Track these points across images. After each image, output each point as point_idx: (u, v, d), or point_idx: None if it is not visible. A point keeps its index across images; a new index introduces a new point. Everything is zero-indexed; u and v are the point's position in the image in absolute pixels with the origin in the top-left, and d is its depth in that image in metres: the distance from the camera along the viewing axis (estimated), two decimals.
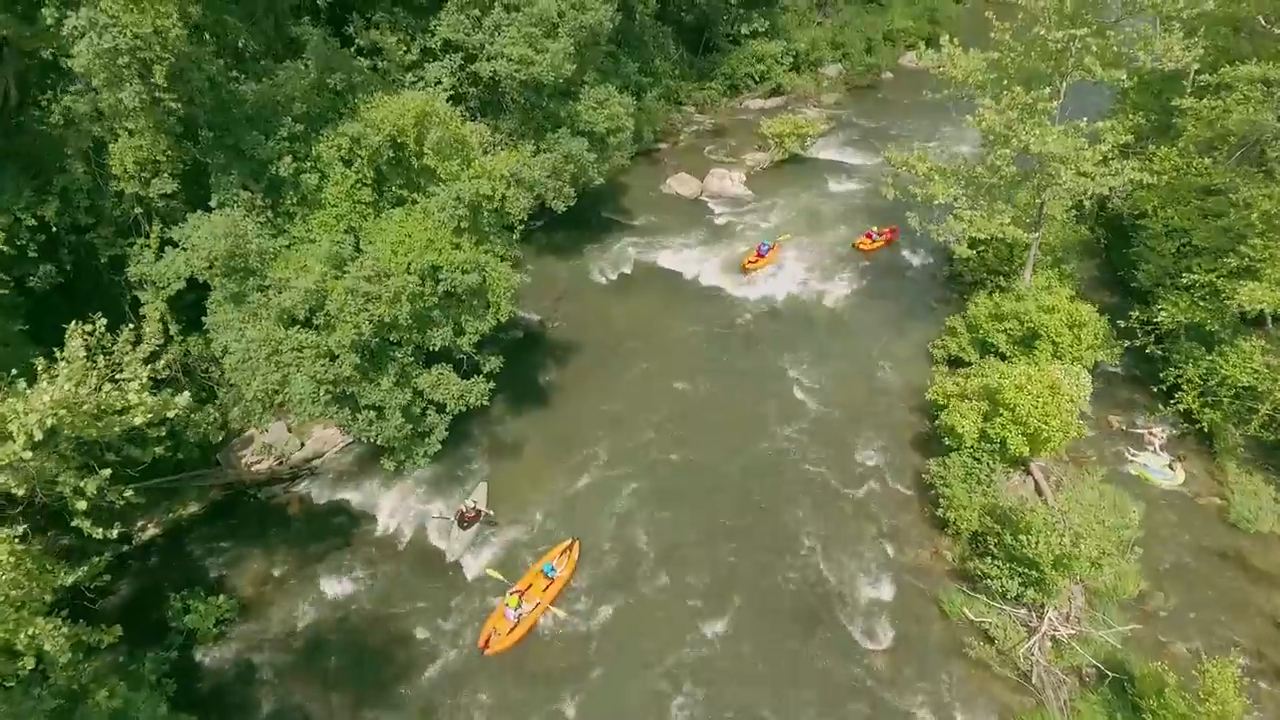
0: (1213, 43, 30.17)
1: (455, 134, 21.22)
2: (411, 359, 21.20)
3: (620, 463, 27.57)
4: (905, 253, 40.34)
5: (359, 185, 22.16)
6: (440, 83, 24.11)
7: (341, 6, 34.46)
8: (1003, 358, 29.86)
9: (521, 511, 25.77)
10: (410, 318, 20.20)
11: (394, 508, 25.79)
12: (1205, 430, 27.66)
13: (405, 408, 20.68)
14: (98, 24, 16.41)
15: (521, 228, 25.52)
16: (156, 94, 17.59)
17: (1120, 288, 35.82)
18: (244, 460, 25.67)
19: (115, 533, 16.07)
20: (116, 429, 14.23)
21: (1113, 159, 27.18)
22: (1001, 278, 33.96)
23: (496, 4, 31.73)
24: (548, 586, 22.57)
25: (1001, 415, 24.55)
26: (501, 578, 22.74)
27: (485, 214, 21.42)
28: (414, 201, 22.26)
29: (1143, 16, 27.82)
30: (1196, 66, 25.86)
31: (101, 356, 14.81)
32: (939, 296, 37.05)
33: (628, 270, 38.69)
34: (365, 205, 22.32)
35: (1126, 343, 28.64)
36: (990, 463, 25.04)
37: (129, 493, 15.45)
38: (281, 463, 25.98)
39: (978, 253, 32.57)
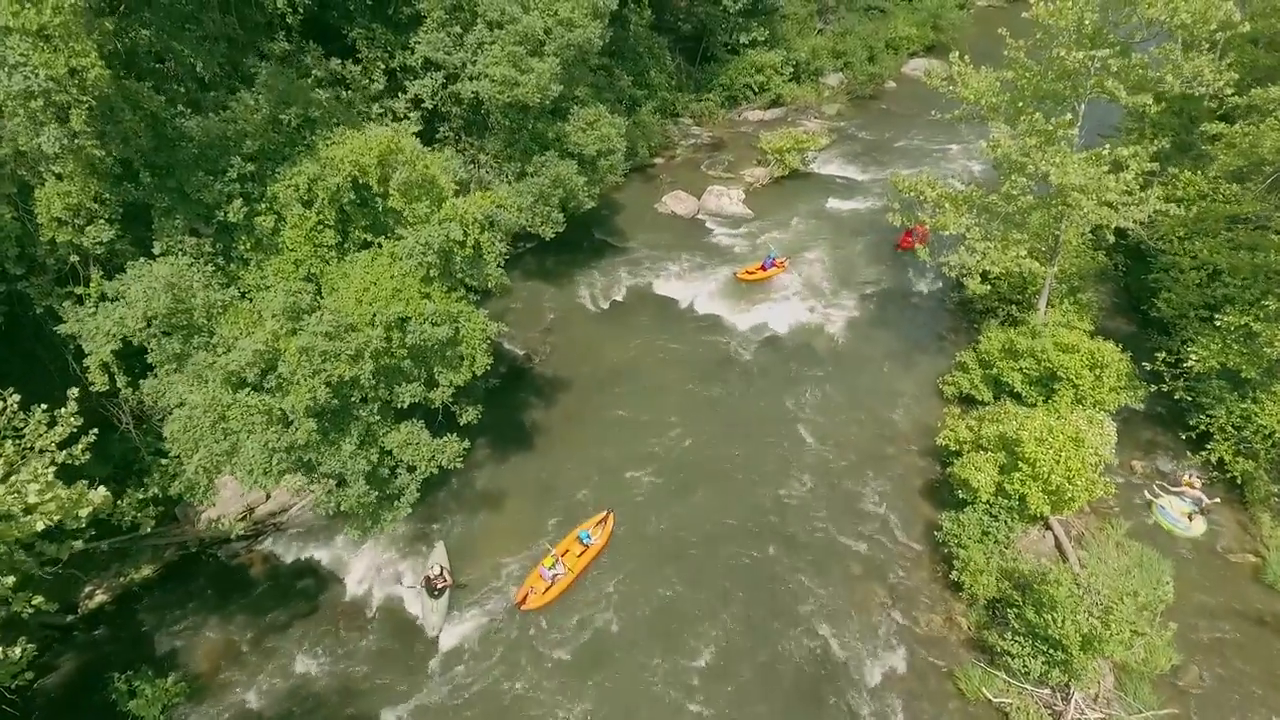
0: (1237, 59, 28.38)
1: (423, 173, 19.31)
2: (378, 417, 19.31)
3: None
4: (911, 276, 38.45)
5: (320, 227, 20.29)
6: (408, 118, 22.11)
7: (318, 24, 32.73)
8: (1018, 398, 28.10)
9: (498, 574, 23.89)
10: (374, 375, 18.32)
11: (366, 569, 23.95)
12: (1237, 480, 25.77)
13: (370, 473, 18.79)
14: (6, 63, 14.58)
15: (505, 258, 23.66)
16: (78, 140, 15.74)
17: (1138, 315, 34.05)
18: (203, 515, 23.81)
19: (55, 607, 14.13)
20: (16, 534, 12.38)
21: (1137, 188, 25.32)
22: (1015, 306, 32.17)
23: (479, 21, 29.86)
24: (582, 553, 24.03)
25: (1020, 470, 22.72)
26: (548, 545, 24.18)
27: (458, 260, 19.52)
28: (380, 245, 20.38)
29: (1170, 36, 26.06)
30: (1231, 91, 23.94)
31: (9, 443, 12.94)
32: (948, 325, 35.20)
33: (620, 297, 36.80)
34: (328, 249, 20.46)
35: (1154, 387, 26.66)
36: (1008, 520, 23.19)
37: (38, 598, 13.57)
38: (244, 517, 24.11)
39: (989, 281, 30.65)
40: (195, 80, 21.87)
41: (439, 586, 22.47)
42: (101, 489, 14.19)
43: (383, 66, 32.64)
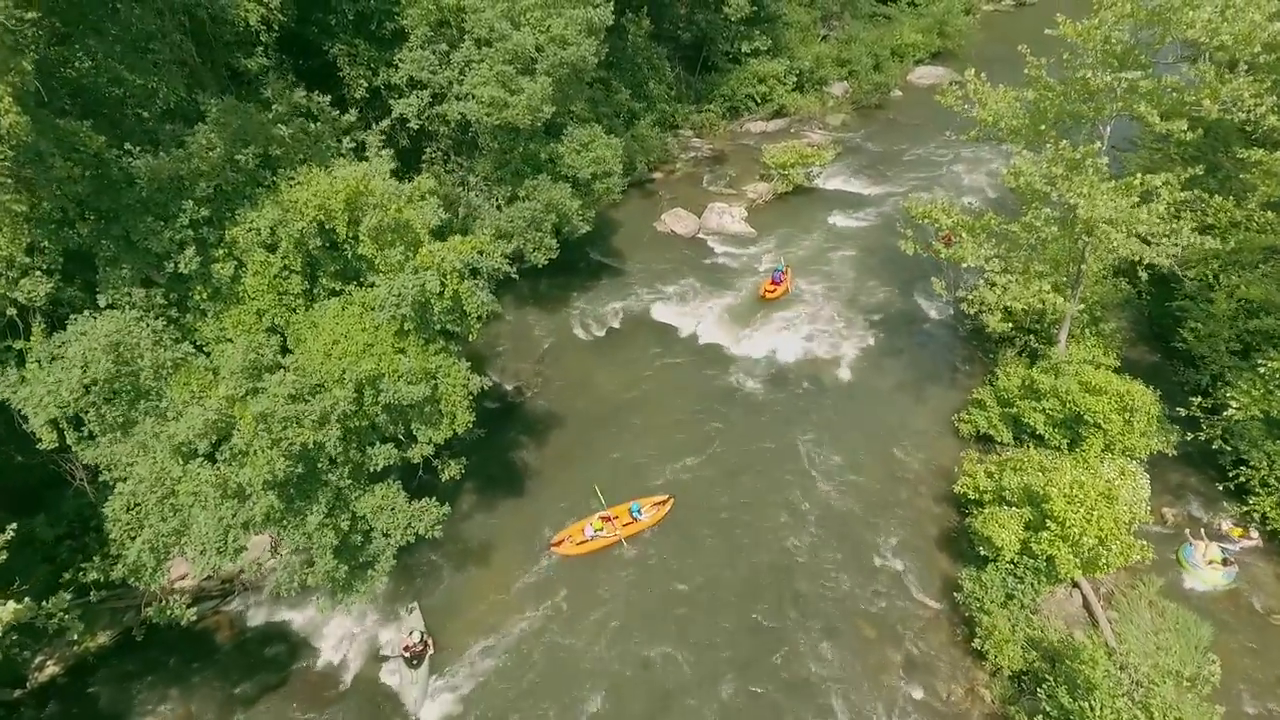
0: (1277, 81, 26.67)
1: (396, 218, 17.57)
2: (349, 480, 17.56)
3: (602, 573, 23.95)
4: (922, 302, 36.71)
5: (285, 274, 18.58)
6: (381, 154, 20.25)
7: (297, 39, 31.00)
8: (1039, 440, 26.38)
9: (481, 639, 22.15)
10: (343, 439, 16.59)
11: (341, 634, 22.23)
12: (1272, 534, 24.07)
13: (337, 547, 17.04)
14: None
15: (499, 280, 21.86)
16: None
17: (1161, 344, 32.37)
18: (167, 575, 22.03)
19: None
20: None
21: (1170, 219, 23.59)
22: (1032, 336, 30.42)
23: (466, 38, 28.14)
24: (629, 523, 24.78)
25: (1048, 529, 20.99)
26: (600, 498, 25.46)
27: (436, 310, 17.78)
28: (350, 293, 18.66)
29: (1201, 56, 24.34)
30: (1276, 117, 22.19)
31: None
32: (961, 355, 33.47)
33: (617, 324, 35.06)
34: (294, 297, 18.74)
35: (1189, 434, 24.89)
36: (1034, 583, 21.44)
37: None
38: (210, 577, 22.38)
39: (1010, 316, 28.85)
40: (153, 112, 20.11)
41: (418, 654, 20.77)
42: (11, 604, 12.50)
43: (365, 84, 30.95)
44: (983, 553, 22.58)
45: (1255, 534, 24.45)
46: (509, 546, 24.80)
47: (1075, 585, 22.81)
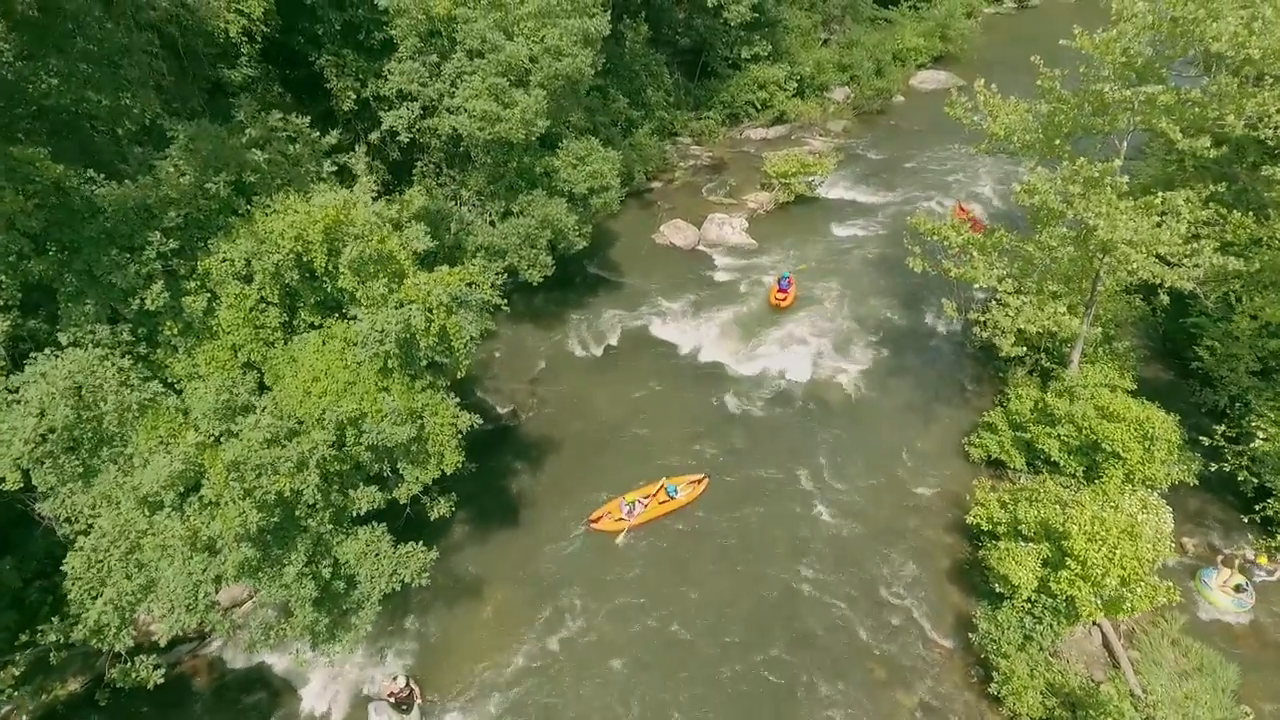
0: None
1: (378, 249, 16.51)
2: (330, 525, 16.50)
3: (602, 612, 22.89)
4: (928, 317, 35.70)
5: (262, 306, 17.52)
6: (365, 177, 19.17)
7: (283, 49, 29.99)
8: (1054, 466, 25.40)
9: (472, 683, 21.11)
10: (322, 485, 15.52)
11: (325, 679, 21.10)
12: None
13: (318, 599, 15.98)
14: None
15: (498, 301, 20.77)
16: None
17: (1175, 361, 31.39)
18: (140, 616, 20.96)
19: None
20: None
21: (1190, 238, 22.60)
22: (1044, 355, 29.38)
23: (457, 49, 27.09)
24: (664, 501, 25.45)
25: (1068, 567, 19.96)
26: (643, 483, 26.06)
27: (422, 346, 16.73)
28: (332, 327, 17.60)
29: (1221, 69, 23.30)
30: None
31: None
32: (970, 374, 32.43)
33: (614, 342, 34.00)
34: (271, 330, 17.68)
35: (1213, 465, 23.89)
36: (1053, 625, 20.42)
37: None
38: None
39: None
40: (125, 132, 19.04)
41: (404, 700, 19.73)
42: None
43: (354, 96, 29.92)
44: (998, 590, 21.55)
45: None
46: (502, 582, 23.73)
47: (1095, 623, 21.81)
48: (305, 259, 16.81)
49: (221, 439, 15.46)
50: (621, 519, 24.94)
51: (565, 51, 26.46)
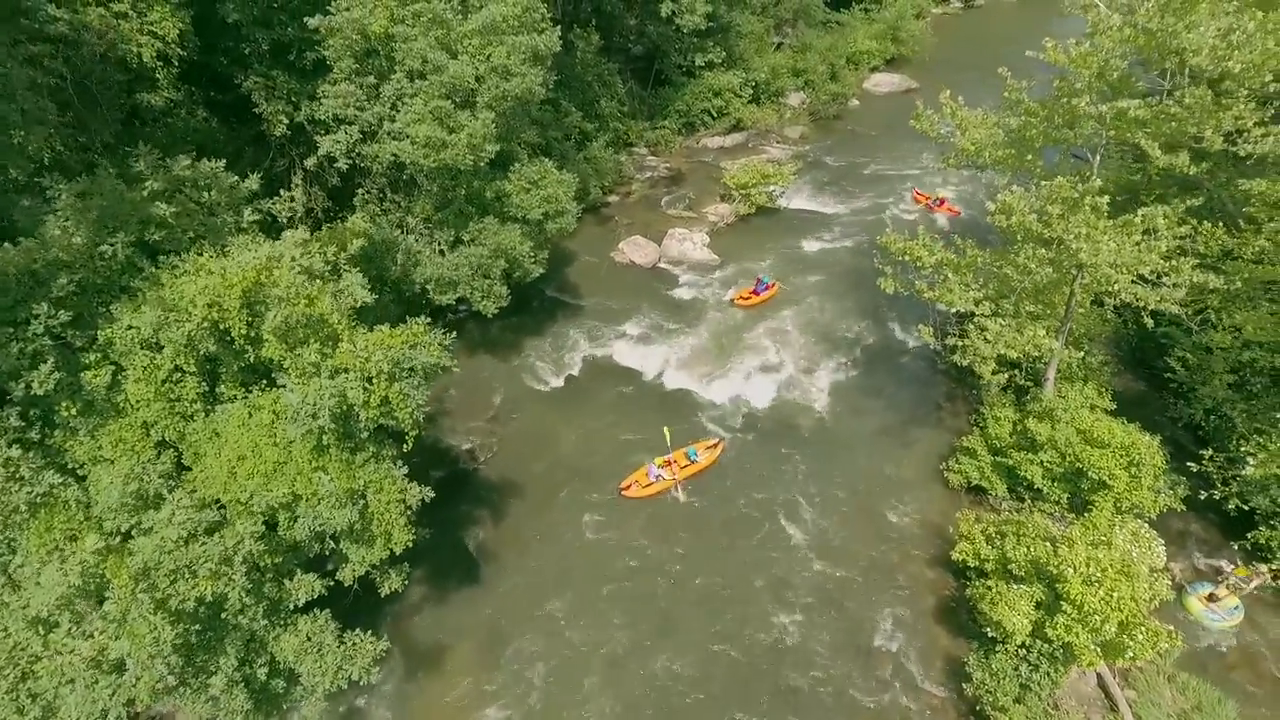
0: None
1: (307, 312, 14.67)
2: (265, 620, 14.61)
3: (569, 676, 21.28)
4: (897, 332, 34.83)
5: (178, 376, 15.54)
6: (288, 230, 17.19)
7: (205, 70, 27.73)
8: (1038, 493, 24.57)
9: None
10: (251, 585, 13.65)
11: None
12: None
13: (255, 701, 14.09)
14: None
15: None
16: None
17: (1146, 371, 30.92)
18: None
19: None
20: None
21: (1173, 258, 21.84)
22: (1018, 372, 28.55)
23: (397, 70, 25.17)
24: (686, 465, 26.91)
25: (1064, 612, 18.94)
26: (668, 438, 27.11)
27: (363, 419, 14.93)
28: (257, 398, 15.67)
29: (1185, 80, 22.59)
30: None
31: None
32: (943, 391, 31.56)
33: (576, 371, 32.37)
34: (189, 403, 15.70)
35: (1202, 493, 23.24)
36: (1050, 673, 19.42)
37: None
38: None
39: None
40: (21, 169, 16.83)
41: None
42: None
43: (286, 120, 27.78)
44: (990, 634, 20.49)
45: (1263, 569, 23.14)
46: (463, 650, 21.95)
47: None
48: (222, 327, 14.87)
49: (132, 533, 13.49)
50: (650, 483, 26.17)
51: (514, 70, 24.75)
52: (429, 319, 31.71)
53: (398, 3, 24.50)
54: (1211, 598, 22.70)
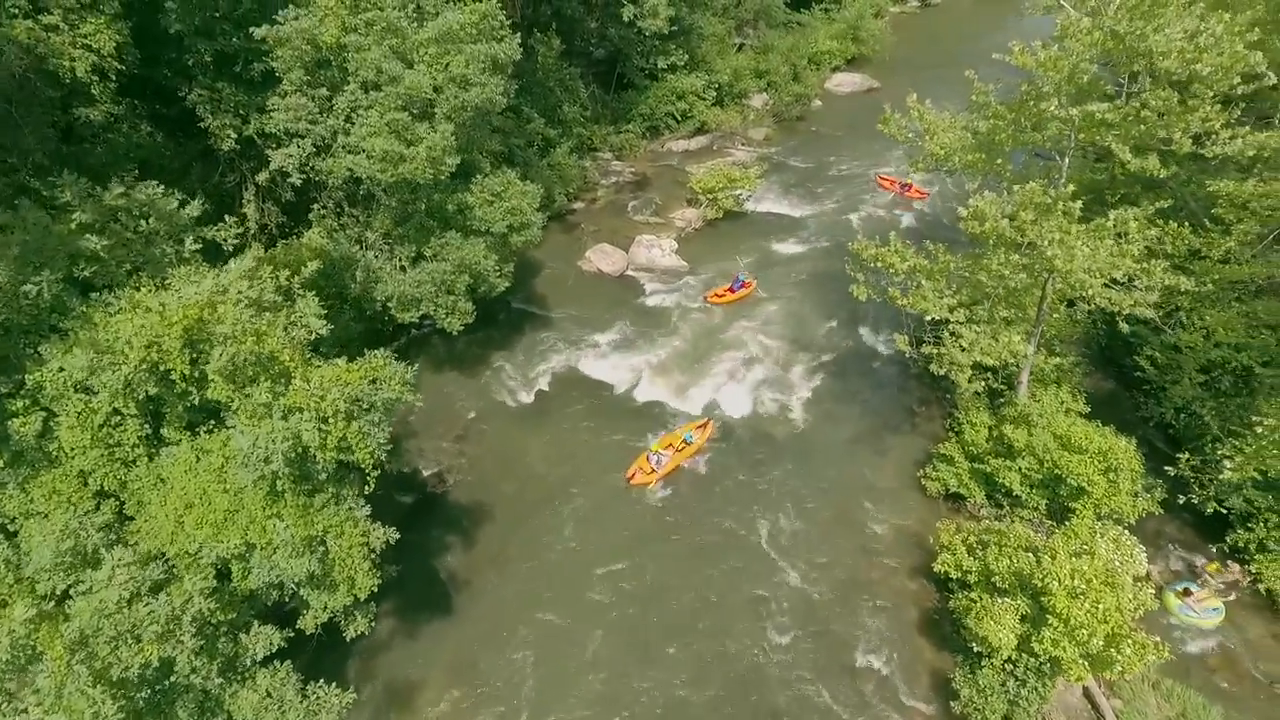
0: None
1: (255, 350, 13.71)
2: (220, 679, 13.63)
3: (546, 705, 20.52)
4: (869, 334, 34.60)
5: (116, 419, 14.47)
6: (232, 260, 16.13)
7: (147, 84, 26.42)
8: (1016, 499, 24.38)
9: None
10: (202, 644, 12.69)
11: None
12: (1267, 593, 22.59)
13: None
14: None
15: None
16: None
17: (1115, 370, 31.01)
18: None
19: None
20: None
21: (1146, 261, 21.69)
22: (991, 374, 28.36)
23: (350, 81, 24.14)
24: (683, 448, 27.62)
25: (1050, 626, 18.65)
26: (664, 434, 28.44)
27: (320, 461, 14.02)
28: (205, 441, 14.65)
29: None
30: (1252, 152, 20.49)
31: None
32: (916, 396, 31.34)
33: (546, 385, 31.54)
34: (130, 447, 14.65)
35: (1180, 496, 23.20)
36: (1038, 688, 19.14)
37: None
38: None
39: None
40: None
41: None
42: None
43: (234, 134, 26.57)
44: (976, 649, 20.15)
45: (1235, 567, 23.28)
46: (436, 684, 21.05)
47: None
48: (162, 369, 13.84)
49: (70, 593, 12.45)
50: (653, 469, 26.74)
51: (473, 80, 23.87)
52: (391, 340, 31.28)
53: (349, 11, 23.49)
54: (1186, 592, 22.77)
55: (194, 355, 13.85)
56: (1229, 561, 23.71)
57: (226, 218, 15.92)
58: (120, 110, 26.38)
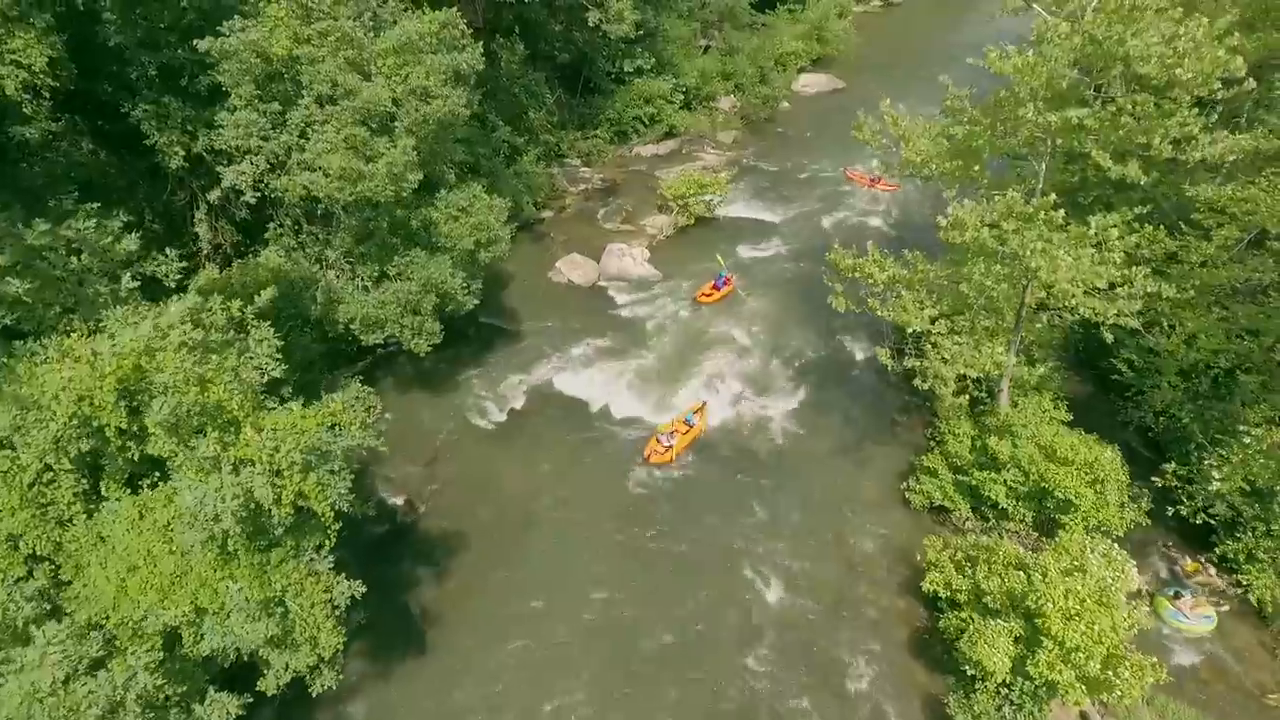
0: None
1: (199, 401, 12.60)
2: None
3: None
4: (848, 344, 34.10)
5: (48, 476, 13.29)
6: (181, 292, 14.97)
7: (87, 99, 25.00)
8: (1003, 513, 24.00)
9: None
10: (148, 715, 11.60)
11: None
12: (1256, 602, 22.40)
13: None
14: None
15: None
16: None
17: (1092, 373, 30.80)
18: None
19: None
20: None
21: (1128, 270, 21.34)
22: (972, 384, 28.00)
23: (304, 94, 22.96)
24: (687, 431, 28.60)
25: (1046, 649, 18.16)
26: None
27: (275, 517, 12.95)
28: (148, 497, 13.51)
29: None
30: (1233, 158, 20.22)
31: None
32: (896, 404, 30.89)
33: (519, 404, 30.54)
34: (65, 505, 13.47)
35: (1170, 510, 22.96)
36: (1035, 712, 18.67)
37: None
38: None
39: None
40: None
41: None
42: None
43: (183, 151, 25.23)
44: (970, 672, 19.64)
45: (1210, 568, 23.45)
46: None
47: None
48: (96, 424, 12.67)
49: None
50: (666, 449, 27.61)
51: (434, 93, 22.84)
52: (356, 361, 30.05)
53: (301, 21, 22.31)
54: (1177, 596, 22.56)
55: (133, 405, 12.71)
56: (1206, 564, 23.68)
57: (169, 250, 14.63)
58: (59, 128, 24.96)
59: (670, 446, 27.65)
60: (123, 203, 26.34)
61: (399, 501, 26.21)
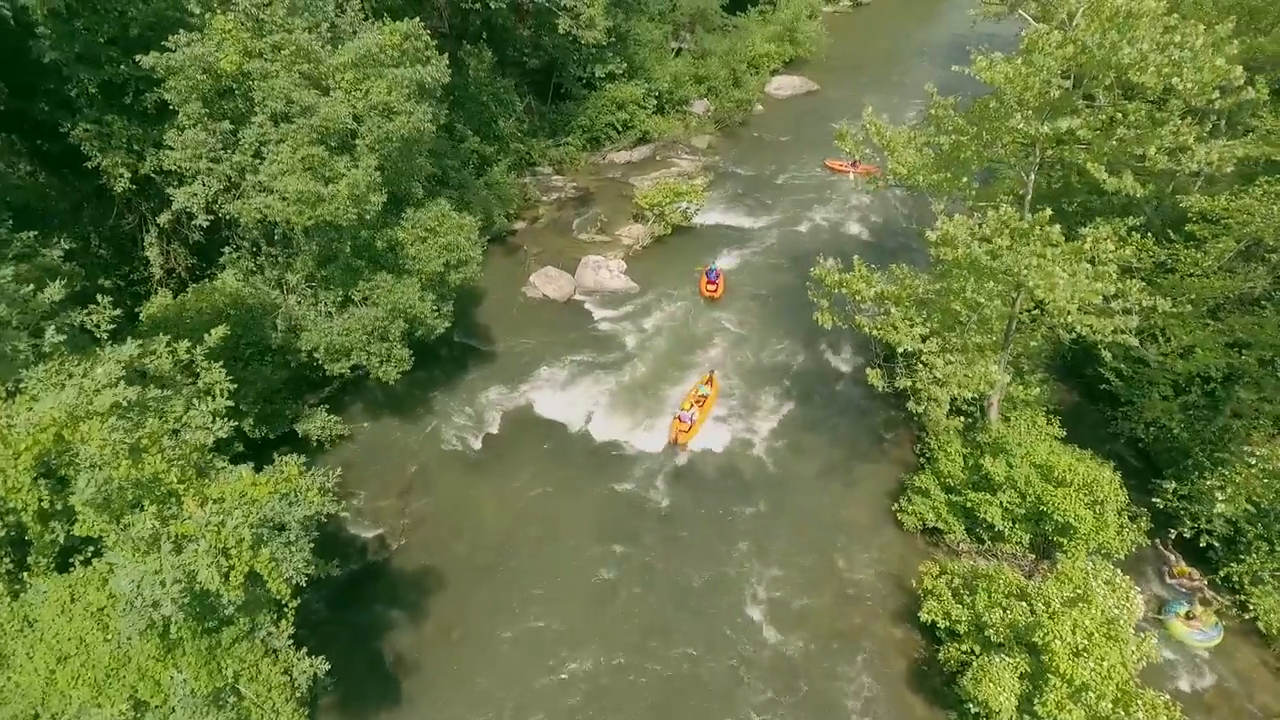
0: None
1: (132, 476, 11.24)
2: None
3: None
4: (831, 357, 33.29)
5: None
6: (110, 342, 13.52)
7: (21, 118, 23.39)
8: (998, 534, 23.28)
9: None
10: None
11: None
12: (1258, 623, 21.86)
13: None
14: None
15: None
16: None
17: (1079, 382, 30.29)
18: None
19: None
20: None
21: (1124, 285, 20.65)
22: (963, 403, 27.24)
23: (257, 111, 21.55)
24: (703, 401, 29.55)
25: (1052, 685, 17.38)
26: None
27: (225, 597, 11.65)
28: (79, 578, 12.15)
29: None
30: (1230, 169, 19.61)
31: None
32: (883, 420, 30.11)
33: (495, 428, 29.29)
34: None
35: (1172, 533, 22.36)
36: None
37: None
38: None
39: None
40: None
41: None
42: None
43: (129, 172, 23.69)
44: (973, 710, 18.80)
45: (1196, 574, 23.16)
46: None
47: None
48: (10, 506, 11.29)
49: None
50: (689, 426, 28.34)
51: (397, 109, 21.54)
52: (322, 387, 28.59)
53: (251, 34, 20.89)
54: (1189, 615, 22.01)
55: (60, 477, 11.37)
56: (1193, 571, 23.20)
57: (100, 299, 13.22)
58: None
59: (693, 421, 28.32)
60: (65, 227, 24.88)
61: (369, 537, 24.86)
